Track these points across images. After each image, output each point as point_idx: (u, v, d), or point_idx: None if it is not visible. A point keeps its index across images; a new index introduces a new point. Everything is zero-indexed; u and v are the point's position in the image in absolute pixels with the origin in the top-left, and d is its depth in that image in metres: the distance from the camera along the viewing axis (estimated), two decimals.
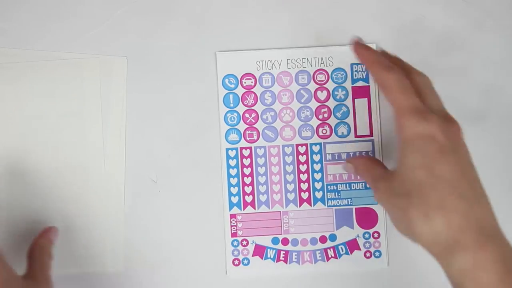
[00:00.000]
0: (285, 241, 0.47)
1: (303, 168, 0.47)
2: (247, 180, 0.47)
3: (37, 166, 0.46)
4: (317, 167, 0.47)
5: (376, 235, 0.47)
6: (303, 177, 0.47)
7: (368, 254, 0.47)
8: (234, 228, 0.47)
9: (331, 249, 0.47)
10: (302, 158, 0.47)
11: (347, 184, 0.47)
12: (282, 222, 0.47)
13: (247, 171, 0.47)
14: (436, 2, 0.47)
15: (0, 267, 0.37)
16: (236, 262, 0.47)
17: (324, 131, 0.47)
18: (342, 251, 0.47)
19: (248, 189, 0.47)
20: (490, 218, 0.35)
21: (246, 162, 0.47)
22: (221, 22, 0.47)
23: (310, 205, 0.47)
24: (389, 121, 0.47)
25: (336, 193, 0.47)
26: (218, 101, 0.47)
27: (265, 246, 0.47)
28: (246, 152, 0.47)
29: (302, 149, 0.47)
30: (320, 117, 0.47)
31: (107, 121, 0.47)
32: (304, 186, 0.47)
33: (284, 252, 0.47)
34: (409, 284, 0.47)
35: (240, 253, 0.47)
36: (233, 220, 0.47)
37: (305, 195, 0.47)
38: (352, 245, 0.47)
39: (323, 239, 0.47)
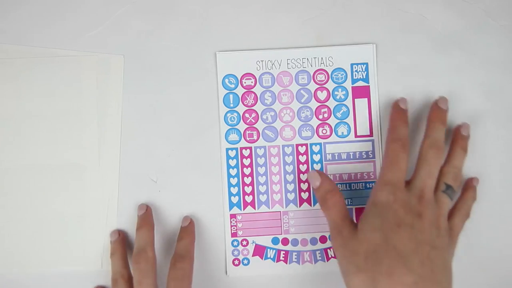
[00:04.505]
0: (285, 241, 0.47)
1: (303, 168, 0.47)
2: (247, 180, 0.47)
3: (33, 163, 0.46)
4: (317, 167, 0.47)
5: None
6: (303, 177, 0.47)
7: None
8: (234, 228, 0.47)
9: (331, 249, 0.47)
10: (302, 158, 0.47)
11: (347, 184, 0.47)
12: (282, 222, 0.47)
13: (247, 171, 0.47)
14: (436, 2, 0.47)
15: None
16: (236, 262, 0.46)
17: (324, 131, 0.47)
18: None
19: (248, 189, 0.47)
20: None
21: (246, 162, 0.47)
22: (221, 22, 0.47)
23: (310, 205, 0.47)
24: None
25: None
26: (218, 101, 0.47)
27: (265, 246, 0.46)
28: (246, 152, 0.47)
29: (302, 149, 0.47)
30: (320, 117, 0.47)
31: (103, 119, 0.47)
32: (304, 186, 0.47)
33: (284, 252, 0.46)
34: None
35: (240, 253, 0.47)
36: (233, 220, 0.47)
37: (305, 195, 0.47)
38: None
39: (323, 239, 0.47)
